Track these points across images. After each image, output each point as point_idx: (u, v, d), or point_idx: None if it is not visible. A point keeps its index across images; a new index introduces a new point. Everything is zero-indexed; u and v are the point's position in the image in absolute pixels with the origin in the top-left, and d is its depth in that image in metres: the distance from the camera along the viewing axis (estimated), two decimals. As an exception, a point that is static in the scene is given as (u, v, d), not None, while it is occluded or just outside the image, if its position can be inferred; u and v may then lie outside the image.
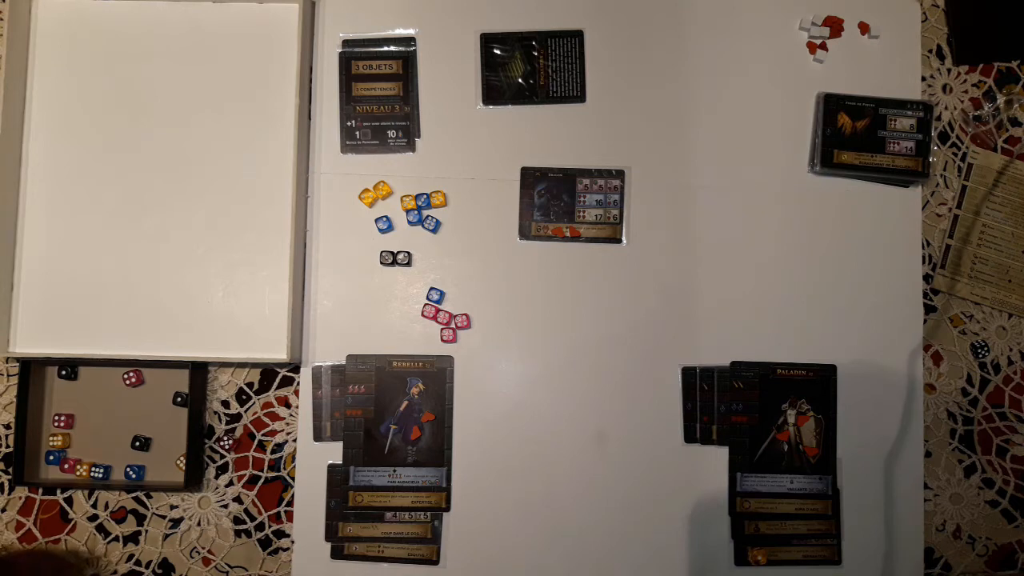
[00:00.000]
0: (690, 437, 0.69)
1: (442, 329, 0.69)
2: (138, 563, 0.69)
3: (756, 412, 0.69)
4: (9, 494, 0.69)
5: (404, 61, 0.71)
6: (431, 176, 0.70)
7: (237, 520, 0.69)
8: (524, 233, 0.70)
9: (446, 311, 0.69)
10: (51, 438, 0.68)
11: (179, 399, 0.68)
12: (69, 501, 0.69)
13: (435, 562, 0.68)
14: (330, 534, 0.68)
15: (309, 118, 0.70)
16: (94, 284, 0.68)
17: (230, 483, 0.69)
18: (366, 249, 0.70)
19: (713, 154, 0.71)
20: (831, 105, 0.70)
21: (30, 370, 0.67)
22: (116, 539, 0.69)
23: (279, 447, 0.69)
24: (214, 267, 0.68)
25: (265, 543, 0.69)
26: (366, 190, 0.70)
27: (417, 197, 0.70)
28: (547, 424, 0.69)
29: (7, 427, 0.69)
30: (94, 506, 0.69)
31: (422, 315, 0.69)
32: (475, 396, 0.69)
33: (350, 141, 0.70)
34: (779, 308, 0.70)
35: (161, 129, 0.69)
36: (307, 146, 0.70)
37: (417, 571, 0.68)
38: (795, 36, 0.72)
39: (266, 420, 0.70)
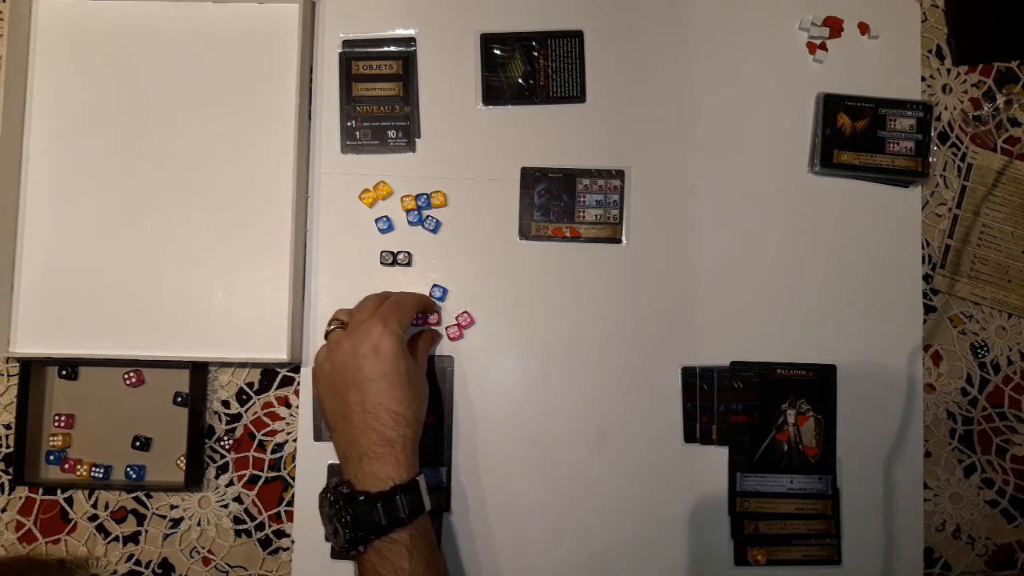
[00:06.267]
0: (690, 437, 0.69)
1: (448, 327, 0.69)
2: (138, 563, 0.69)
3: (756, 412, 0.69)
4: (9, 494, 0.69)
5: (404, 61, 0.71)
6: (431, 176, 0.70)
7: (237, 520, 0.69)
8: (524, 233, 0.70)
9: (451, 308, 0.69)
10: (51, 438, 0.68)
11: (179, 399, 0.68)
12: (69, 501, 0.69)
13: (435, 562, 0.68)
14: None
15: (309, 118, 0.70)
16: (94, 284, 0.68)
17: (230, 483, 0.69)
18: (366, 249, 0.70)
19: (713, 154, 0.71)
20: (831, 105, 0.70)
21: (30, 370, 0.67)
22: (116, 539, 0.69)
23: (279, 447, 0.69)
24: (214, 267, 0.68)
25: (265, 543, 0.69)
26: (366, 190, 0.70)
27: (417, 197, 0.70)
28: (547, 424, 0.69)
29: (7, 427, 0.69)
30: (94, 506, 0.69)
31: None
32: (475, 396, 0.69)
33: (350, 141, 0.70)
34: (779, 308, 0.70)
35: (161, 129, 0.69)
36: (307, 146, 0.70)
37: (417, 571, 0.68)
38: (795, 36, 0.72)
39: (266, 420, 0.70)
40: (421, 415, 0.60)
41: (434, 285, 0.69)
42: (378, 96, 0.71)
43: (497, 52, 0.71)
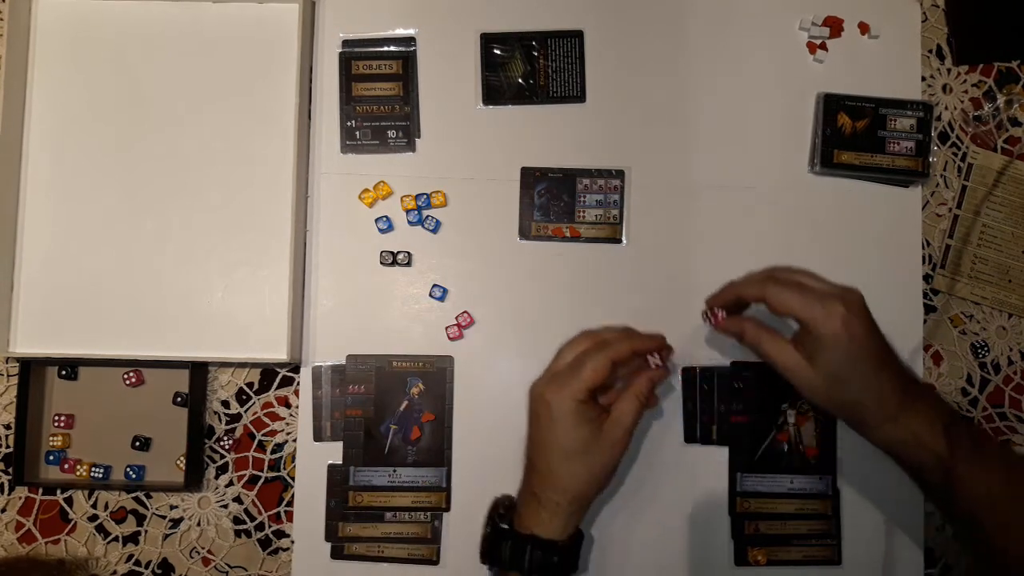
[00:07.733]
0: (690, 437, 0.69)
1: (448, 327, 0.69)
2: (138, 563, 0.69)
3: (756, 412, 0.69)
4: (9, 494, 0.69)
5: (404, 61, 0.71)
6: (431, 176, 0.70)
7: (237, 520, 0.69)
8: (524, 233, 0.70)
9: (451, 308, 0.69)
10: (51, 438, 0.68)
11: (179, 399, 0.68)
12: (69, 501, 0.69)
13: (435, 562, 0.67)
14: (330, 534, 0.68)
15: (309, 118, 0.70)
16: (94, 284, 0.68)
17: (230, 483, 0.69)
18: (366, 249, 0.70)
19: (713, 154, 0.71)
20: (831, 105, 0.70)
21: (30, 370, 0.67)
22: (116, 539, 0.69)
23: (279, 447, 0.69)
24: (214, 267, 0.68)
25: (265, 543, 0.69)
26: (366, 190, 0.70)
27: (417, 197, 0.70)
28: (547, 424, 0.69)
29: (7, 427, 0.69)
30: (94, 506, 0.69)
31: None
32: (475, 396, 0.69)
33: (350, 141, 0.70)
34: (779, 308, 0.70)
35: (160, 129, 0.69)
36: (307, 146, 0.70)
37: (417, 571, 0.68)
38: (795, 36, 0.72)
39: (266, 420, 0.70)
40: (583, 488, 0.58)
41: (434, 285, 0.69)
42: (378, 96, 0.70)
43: (497, 52, 0.71)
